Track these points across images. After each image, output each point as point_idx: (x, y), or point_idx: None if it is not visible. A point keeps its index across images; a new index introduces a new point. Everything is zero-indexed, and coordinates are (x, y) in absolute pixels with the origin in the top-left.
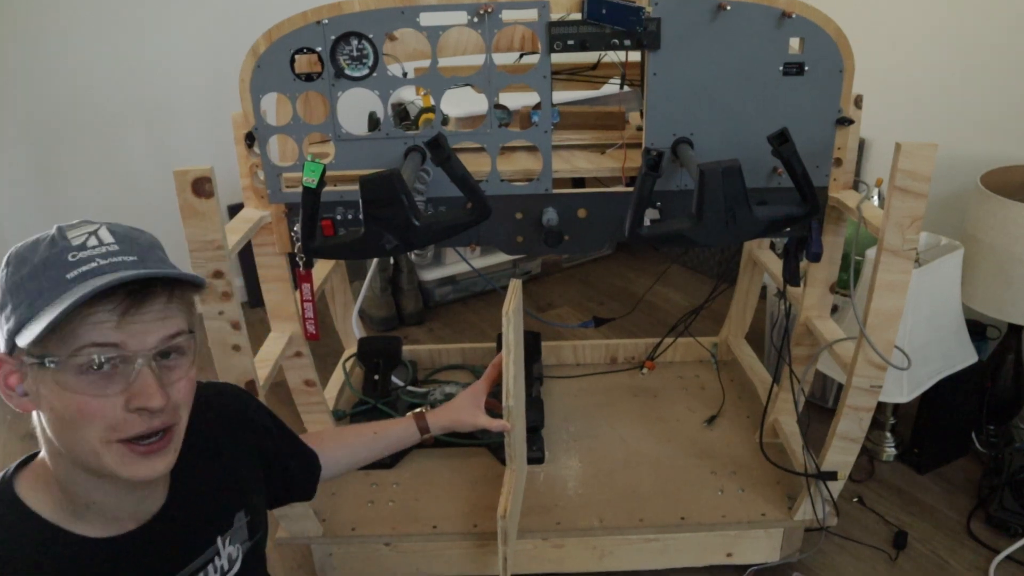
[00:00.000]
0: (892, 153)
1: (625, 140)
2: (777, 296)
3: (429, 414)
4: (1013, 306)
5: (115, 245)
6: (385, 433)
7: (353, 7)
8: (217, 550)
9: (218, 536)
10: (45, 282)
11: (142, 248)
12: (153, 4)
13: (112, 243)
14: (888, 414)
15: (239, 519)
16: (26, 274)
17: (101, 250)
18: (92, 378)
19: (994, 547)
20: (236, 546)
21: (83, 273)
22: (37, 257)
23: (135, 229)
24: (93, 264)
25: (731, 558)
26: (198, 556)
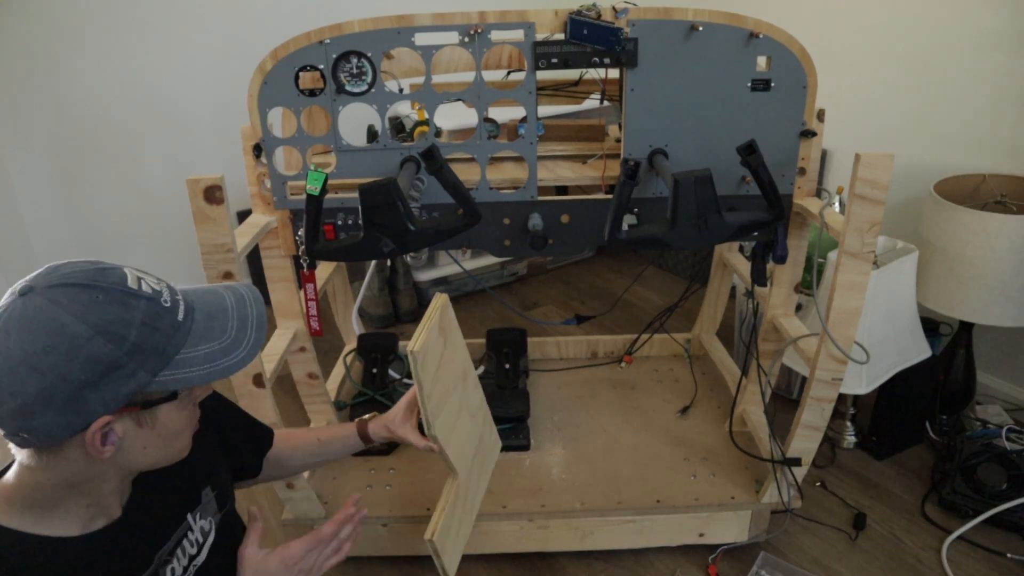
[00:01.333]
0: (852, 163)
1: (605, 151)
2: (746, 296)
3: (370, 422)
4: (964, 305)
5: (160, 281)
6: (329, 439)
7: (353, 28)
8: (189, 526)
9: (187, 513)
10: (165, 332)
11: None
12: (167, 27)
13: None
14: (848, 405)
15: (207, 495)
16: (137, 334)
17: (164, 287)
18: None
19: (947, 528)
20: (208, 519)
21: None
22: (137, 317)
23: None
24: (181, 302)
25: (703, 538)
26: (171, 535)
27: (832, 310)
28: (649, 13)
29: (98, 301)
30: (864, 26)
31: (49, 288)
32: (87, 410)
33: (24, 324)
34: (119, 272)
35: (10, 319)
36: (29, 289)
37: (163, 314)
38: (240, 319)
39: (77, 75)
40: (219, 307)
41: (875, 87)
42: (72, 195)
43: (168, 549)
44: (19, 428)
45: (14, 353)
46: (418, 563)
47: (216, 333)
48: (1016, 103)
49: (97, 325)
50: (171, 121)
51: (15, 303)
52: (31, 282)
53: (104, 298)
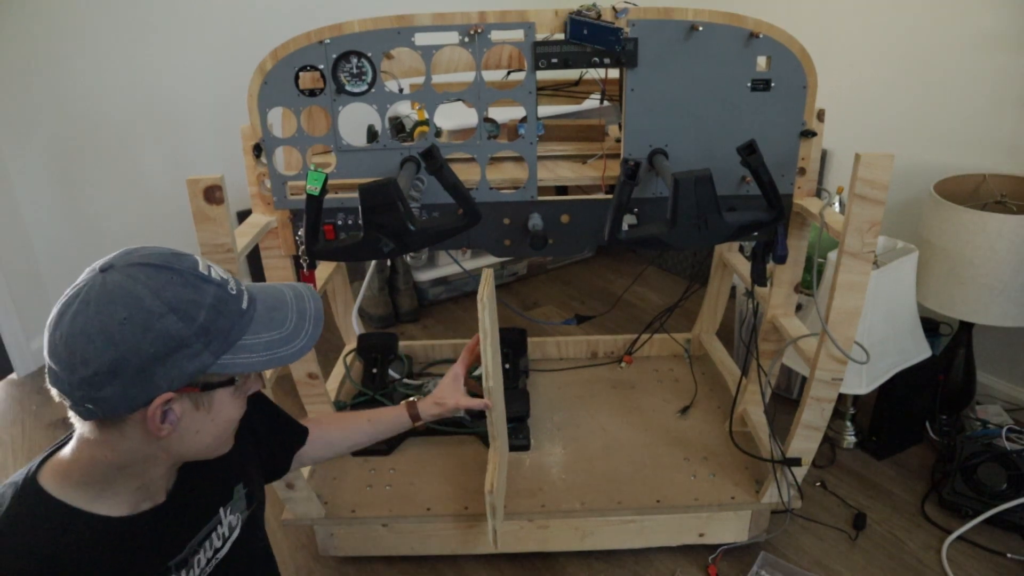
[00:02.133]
0: (852, 163)
1: (605, 151)
2: (746, 295)
3: (420, 402)
4: (964, 304)
5: (227, 273)
6: (378, 419)
7: (353, 28)
8: (219, 519)
9: (220, 507)
10: (231, 317)
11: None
12: (167, 27)
13: (223, 270)
14: (848, 405)
15: (238, 491)
16: (206, 316)
17: (230, 278)
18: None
19: (947, 528)
20: (236, 515)
21: (249, 301)
22: (207, 300)
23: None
24: (245, 292)
25: (703, 538)
26: (203, 526)
27: (832, 310)
28: (649, 13)
29: (173, 281)
30: (864, 26)
31: (128, 266)
32: (152, 384)
33: (103, 296)
34: (192, 258)
35: (90, 291)
36: (109, 266)
37: (230, 300)
38: (299, 312)
39: (77, 75)
40: (279, 300)
41: (875, 87)
42: (72, 195)
43: (199, 539)
44: (86, 398)
45: (92, 323)
46: (418, 563)
47: (277, 323)
48: (1016, 103)
49: (171, 302)
50: (171, 121)
51: (95, 278)
52: (111, 260)
53: (179, 279)
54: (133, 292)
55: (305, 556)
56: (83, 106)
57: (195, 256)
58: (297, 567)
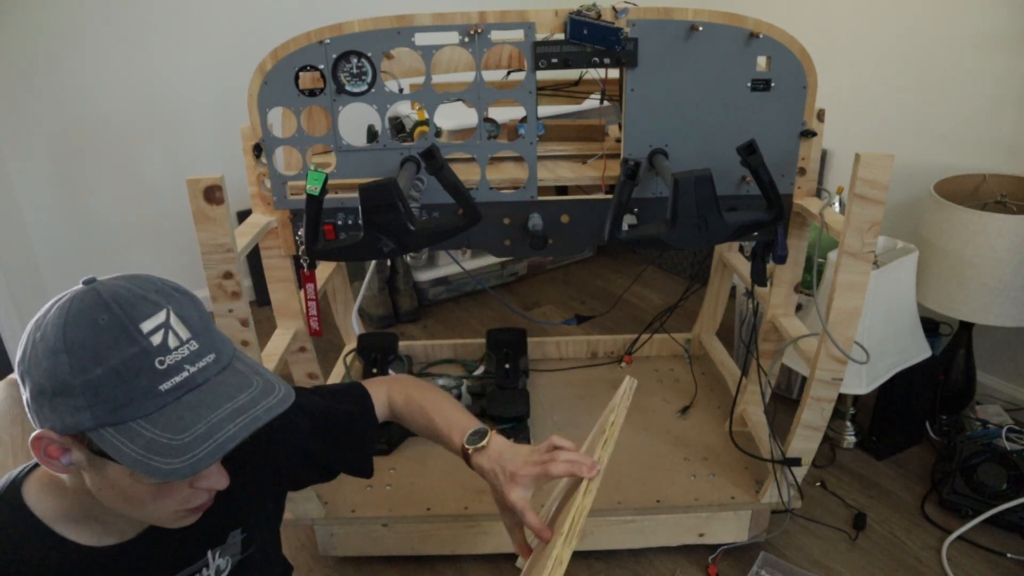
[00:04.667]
0: (852, 163)
1: (605, 151)
2: (746, 295)
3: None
4: (964, 305)
5: (194, 342)
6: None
7: (353, 28)
8: (207, 562)
9: (208, 550)
10: (134, 392)
11: (212, 334)
12: (167, 27)
13: (191, 339)
14: (848, 404)
15: (233, 536)
16: (103, 375)
17: (184, 351)
18: None
19: (947, 528)
20: (226, 559)
21: (178, 385)
22: (116, 358)
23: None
24: (184, 375)
25: (703, 538)
26: (187, 566)
27: (832, 310)
28: (649, 13)
29: (96, 323)
30: (864, 26)
31: (93, 288)
32: (41, 415)
33: (49, 308)
34: (153, 308)
35: (56, 300)
36: (91, 280)
37: (145, 372)
38: (212, 427)
39: (77, 75)
40: (214, 400)
41: (875, 87)
42: (72, 195)
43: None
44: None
45: (30, 327)
46: (418, 563)
47: (176, 427)
48: (1016, 103)
49: (72, 342)
50: (171, 121)
51: (73, 289)
52: (105, 277)
53: (105, 322)
54: (55, 317)
55: (305, 556)
56: (83, 106)
57: (165, 310)
58: (297, 567)
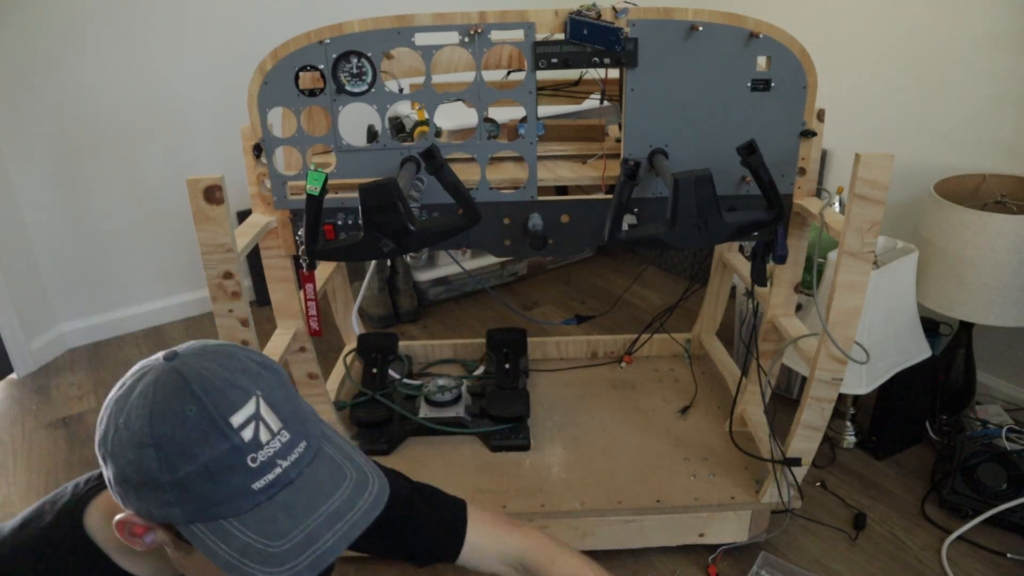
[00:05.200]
0: (852, 163)
1: (605, 151)
2: (746, 295)
3: None
4: (964, 305)
5: (285, 432)
6: None
7: (353, 28)
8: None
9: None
10: (226, 490)
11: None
12: (167, 27)
13: (281, 429)
14: (848, 404)
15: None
16: (193, 472)
17: (276, 444)
18: None
19: (947, 528)
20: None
21: (271, 483)
22: (206, 455)
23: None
24: (278, 470)
25: (703, 538)
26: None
27: (832, 310)
28: (649, 13)
29: (184, 415)
30: (864, 26)
31: (173, 371)
32: (126, 498)
33: (132, 390)
34: (243, 397)
35: (139, 378)
36: (173, 356)
37: (237, 470)
38: (310, 537)
39: (77, 75)
40: (310, 503)
41: (875, 87)
42: (72, 195)
43: None
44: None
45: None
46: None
47: (274, 532)
48: (1016, 103)
49: (160, 438)
50: (171, 121)
51: (154, 364)
52: (183, 352)
53: (193, 414)
54: (139, 403)
55: None
56: (83, 106)
57: (255, 398)
58: None
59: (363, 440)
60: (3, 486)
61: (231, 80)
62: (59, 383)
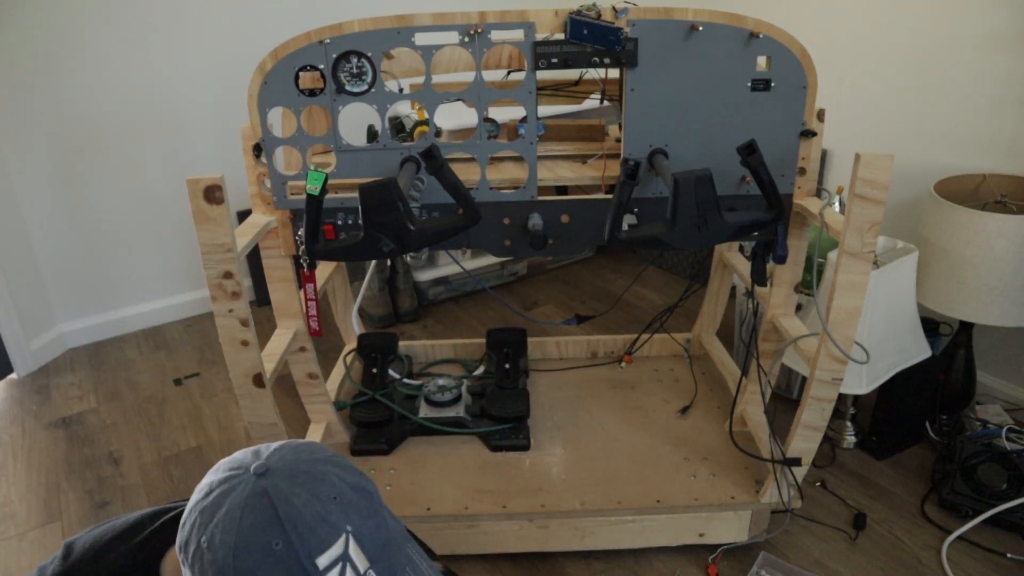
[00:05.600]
0: (852, 163)
1: (605, 151)
2: (746, 295)
3: None
4: (964, 305)
5: (372, 572)
6: None
7: (353, 28)
8: None
9: None
10: None
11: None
12: (167, 27)
13: (368, 569)
14: (848, 404)
15: None
16: None
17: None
18: None
19: (946, 528)
20: None
21: None
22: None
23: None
24: None
25: (703, 538)
26: None
27: (832, 310)
28: (649, 13)
29: (270, 549)
30: (864, 26)
31: (262, 493)
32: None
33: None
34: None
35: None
36: (264, 471)
37: None
38: None
39: (77, 75)
40: None
41: (875, 87)
42: (72, 195)
43: None
44: None
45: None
46: None
47: None
48: (1016, 103)
49: (242, 570)
50: (171, 121)
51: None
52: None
53: (279, 550)
54: (226, 529)
55: None
56: (83, 106)
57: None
58: None
59: (363, 440)
60: (3, 486)
61: (231, 80)
62: (59, 383)
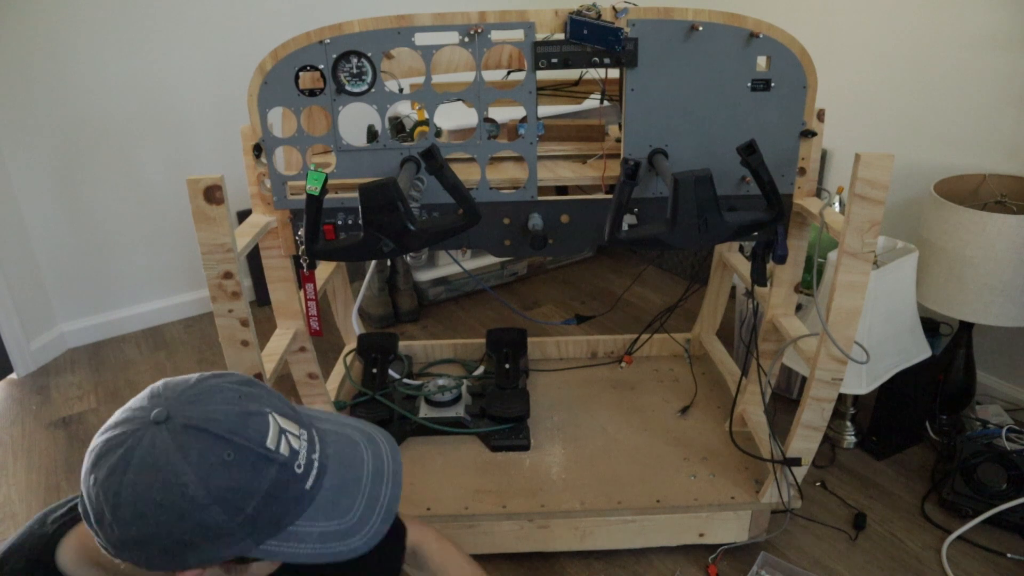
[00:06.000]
0: (852, 163)
1: (605, 151)
2: (746, 295)
3: None
4: (964, 305)
5: (303, 431)
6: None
7: (353, 28)
8: None
9: None
10: (288, 503)
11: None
12: (168, 27)
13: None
14: (848, 404)
15: None
16: (259, 504)
17: (304, 444)
18: None
19: (947, 528)
20: None
21: (316, 476)
22: (264, 486)
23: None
24: (316, 464)
25: (703, 538)
26: None
27: (832, 310)
28: (649, 13)
29: (227, 461)
30: (864, 26)
31: (185, 428)
32: (180, 561)
33: (147, 462)
34: (263, 421)
35: (133, 451)
36: (165, 417)
37: (291, 483)
38: (370, 498)
39: (77, 75)
40: (354, 475)
41: (875, 87)
42: (72, 195)
43: None
44: (109, 546)
45: (125, 492)
46: None
47: (340, 510)
48: (1016, 103)
49: (218, 492)
50: (171, 121)
51: (145, 432)
52: (169, 407)
53: (235, 458)
54: (178, 472)
55: None
56: (83, 106)
57: (269, 415)
58: None
59: None
60: (3, 486)
61: (231, 80)
62: (59, 383)
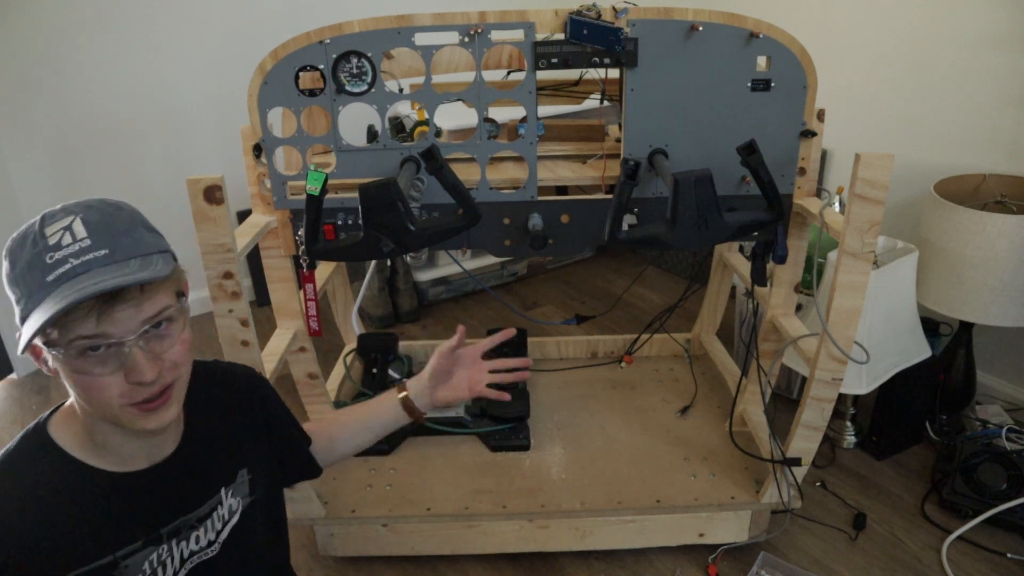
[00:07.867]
0: (852, 163)
1: (605, 151)
2: (745, 296)
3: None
4: (964, 305)
5: (88, 240)
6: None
7: (353, 28)
8: (220, 500)
9: (222, 487)
10: (32, 283)
11: (116, 234)
12: (168, 26)
13: (85, 238)
14: (848, 404)
15: (242, 475)
16: (19, 272)
17: (74, 248)
18: (91, 361)
19: (946, 528)
20: (237, 499)
21: (60, 276)
22: (24, 256)
23: (112, 207)
24: (68, 266)
25: (703, 538)
26: (205, 502)
27: (832, 310)
28: (649, 13)
29: (24, 233)
30: (864, 26)
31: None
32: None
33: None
34: (65, 214)
35: None
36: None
37: (38, 266)
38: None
39: (77, 75)
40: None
41: (875, 87)
42: (72, 195)
43: (199, 515)
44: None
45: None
46: (418, 563)
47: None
48: (1016, 103)
49: (8, 249)
50: (171, 121)
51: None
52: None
53: (25, 229)
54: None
55: (305, 556)
56: (83, 106)
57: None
58: (297, 567)
59: None
60: None
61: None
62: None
